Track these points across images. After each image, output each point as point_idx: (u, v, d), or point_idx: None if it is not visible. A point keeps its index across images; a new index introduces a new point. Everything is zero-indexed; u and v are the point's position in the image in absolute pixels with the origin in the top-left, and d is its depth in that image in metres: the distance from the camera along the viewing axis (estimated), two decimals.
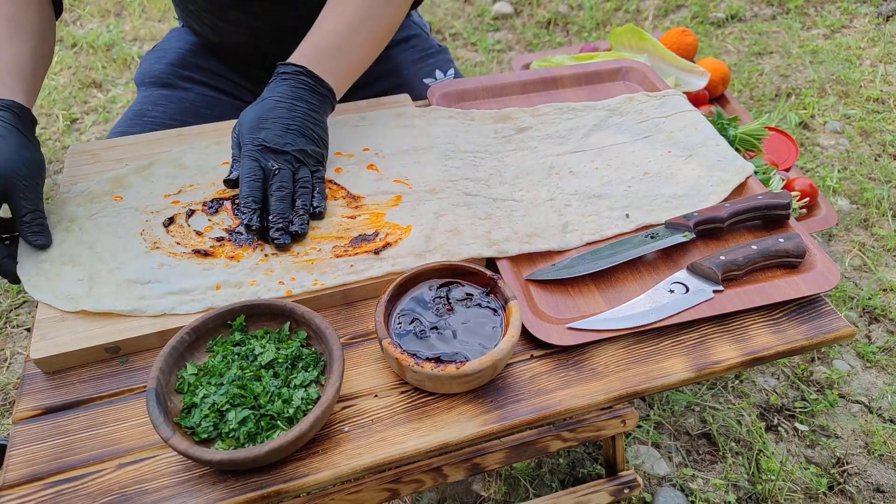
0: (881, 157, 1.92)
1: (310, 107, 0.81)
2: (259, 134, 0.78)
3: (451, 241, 0.77)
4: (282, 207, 0.75)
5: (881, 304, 1.52)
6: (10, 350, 1.52)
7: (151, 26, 2.63)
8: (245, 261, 0.75)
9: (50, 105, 2.22)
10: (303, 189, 0.78)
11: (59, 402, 0.66)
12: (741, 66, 2.32)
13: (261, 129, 0.78)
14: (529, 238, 0.79)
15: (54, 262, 0.75)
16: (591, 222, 0.82)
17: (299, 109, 0.80)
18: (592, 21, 2.60)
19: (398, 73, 1.17)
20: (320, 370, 0.65)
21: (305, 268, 0.75)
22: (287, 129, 0.79)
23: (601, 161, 0.91)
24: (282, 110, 0.80)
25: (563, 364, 0.68)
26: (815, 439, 1.28)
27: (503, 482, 1.21)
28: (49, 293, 0.71)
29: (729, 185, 0.86)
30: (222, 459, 0.56)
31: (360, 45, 0.88)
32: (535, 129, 0.96)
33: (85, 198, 0.83)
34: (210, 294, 0.72)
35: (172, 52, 1.14)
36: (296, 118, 0.80)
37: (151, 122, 1.04)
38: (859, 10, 2.58)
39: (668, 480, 1.22)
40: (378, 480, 0.91)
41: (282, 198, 0.76)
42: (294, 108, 0.80)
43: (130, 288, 0.72)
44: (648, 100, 1.00)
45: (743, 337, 0.71)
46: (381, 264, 0.75)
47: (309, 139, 0.80)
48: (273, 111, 0.80)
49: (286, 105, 0.80)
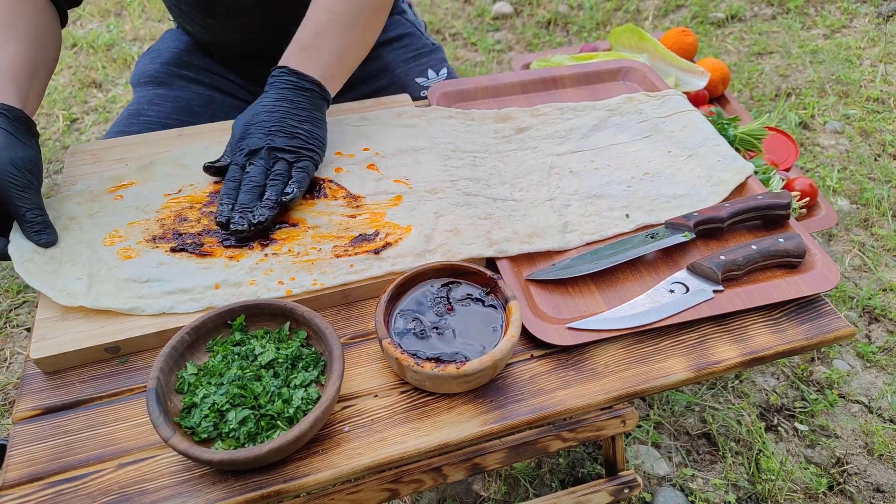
0: (881, 157, 1.92)
1: (293, 105, 0.84)
2: (243, 142, 0.82)
3: (451, 240, 0.77)
4: (246, 199, 0.78)
5: (881, 304, 1.52)
6: (10, 350, 1.52)
7: (151, 26, 2.63)
8: (244, 260, 0.75)
9: (50, 105, 2.22)
10: (273, 181, 0.79)
11: (59, 402, 0.66)
12: (741, 66, 2.32)
13: (244, 137, 0.82)
14: (529, 238, 0.79)
15: (53, 260, 0.74)
16: (591, 222, 0.82)
17: (281, 110, 0.83)
18: (592, 21, 2.60)
19: (389, 72, 1.17)
20: (320, 370, 0.65)
21: (305, 268, 0.75)
22: (266, 132, 0.82)
23: (601, 161, 0.91)
24: (263, 115, 0.83)
25: (563, 364, 0.68)
26: (815, 439, 1.28)
27: (503, 482, 1.21)
28: (46, 285, 0.71)
29: (729, 185, 0.86)
30: (222, 459, 0.56)
31: (343, 34, 0.89)
32: (535, 129, 0.96)
33: (85, 196, 0.83)
34: (209, 293, 0.72)
35: (167, 52, 1.14)
36: (275, 120, 0.82)
37: (147, 121, 1.04)
38: (859, 10, 2.58)
39: (667, 480, 1.22)
40: (378, 480, 0.91)
41: (247, 191, 0.78)
42: (275, 109, 0.83)
43: (129, 287, 0.72)
44: (648, 100, 1.01)
45: (743, 337, 0.71)
46: (381, 264, 0.75)
47: (289, 136, 0.82)
48: (256, 117, 0.83)
49: (268, 108, 0.83)
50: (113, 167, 0.89)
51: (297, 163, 0.82)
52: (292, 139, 0.82)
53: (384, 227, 0.80)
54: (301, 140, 0.83)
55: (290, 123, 0.82)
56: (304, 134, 0.83)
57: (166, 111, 1.07)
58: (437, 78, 1.16)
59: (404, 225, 0.80)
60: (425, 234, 0.78)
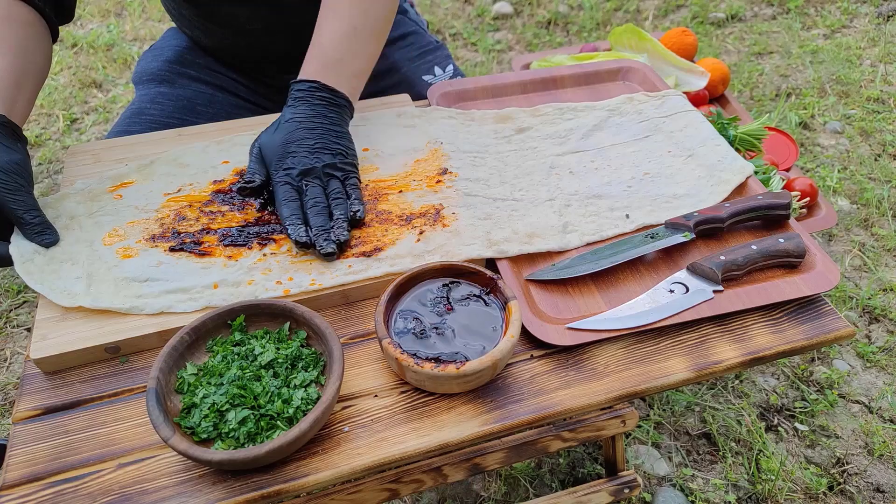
0: (881, 157, 1.92)
1: (329, 121, 0.83)
2: (286, 161, 0.81)
3: (451, 241, 0.77)
4: (320, 221, 0.77)
5: (881, 304, 1.52)
6: (10, 350, 1.52)
7: (151, 26, 2.63)
8: (243, 260, 0.75)
9: (50, 105, 2.22)
10: (336, 200, 0.79)
11: (59, 402, 0.66)
12: (741, 66, 2.32)
13: (287, 156, 0.81)
14: (529, 238, 0.79)
15: (53, 260, 0.75)
16: (591, 223, 0.82)
17: (320, 127, 0.82)
18: (592, 21, 2.60)
19: (396, 70, 1.17)
20: (320, 370, 0.65)
21: (304, 268, 0.75)
22: (311, 151, 0.81)
23: (601, 161, 0.91)
24: (303, 132, 0.82)
25: (563, 364, 0.68)
26: (815, 439, 1.28)
27: (503, 482, 1.21)
28: (46, 286, 0.71)
29: (729, 185, 0.86)
30: (222, 459, 0.56)
31: (362, 47, 0.89)
32: (535, 130, 0.96)
33: (85, 196, 0.83)
34: (207, 293, 0.72)
35: (169, 50, 1.14)
36: (317, 137, 0.82)
37: (150, 119, 1.04)
38: (859, 10, 2.58)
39: (668, 480, 1.22)
40: (378, 480, 0.91)
41: (318, 212, 0.78)
42: (315, 127, 0.82)
43: (129, 286, 0.72)
44: (649, 100, 1.00)
45: (743, 337, 0.71)
46: (380, 265, 0.75)
47: (333, 153, 0.82)
48: (294, 134, 0.82)
49: (307, 125, 0.82)
50: (113, 167, 0.89)
51: (346, 180, 0.82)
52: (337, 157, 0.82)
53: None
54: (343, 157, 0.83)
55: (332, 140, 0.82)
56: (345, 150, 0.83)
57: (169, 109, 1.07)
58: (444, 75, 1.17)
59: None
60: (425, 236, 0.78)
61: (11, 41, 0.84)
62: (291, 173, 0.80)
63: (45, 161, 2.01)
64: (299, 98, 0.84)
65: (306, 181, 0.80)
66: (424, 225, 0.79)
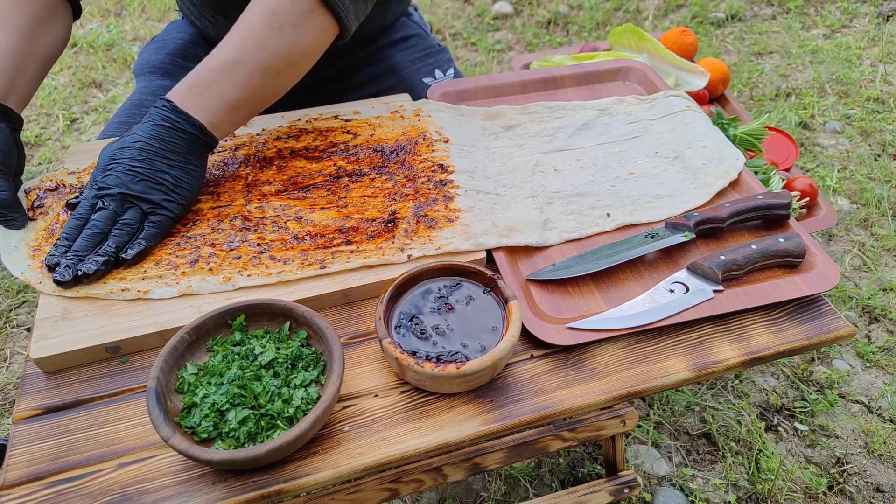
0: (881, 157, 1.92)
1: (166, 147, 0.77)
2: (100, 175, 0.76)
3: (430, 233, 0.78)
4: (81, 244, 0.73)
5: (881, 304, 1.52)
6: (10, 350, 1.52)
7: (151, 26, 2.63)
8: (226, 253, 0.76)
9: (50, 105, 2.22)
10: (118, 231, 0.74)
11: (59, 402, 0.66)
12: (741, 66, 2.32)
13: (105, 171, 0.76)
14: (508, 232, 0.79)
15: (38, 250, 0.76)
16: (571, 220, 0.82)
17: (151, 151, 0.76)
18: (592, 21, 2.60)
19: (397, 72, 1.17)
20: (320, 370, 0.65)
21: (286, 257, 0.76)
22: (125, 173, 0.75)
23: (587, 160, 0.91)
24: (130, 151, 0.76)
25: (563, 364, 0.68)
26: (815, 439, 1.28)
27: (503, 482, 1.21)
28: (29, 272, 0.73)
29: (713, 188, 0.86)
30: (222, 459, 0.56)
31: (245, 79, 0.80)
32: (522, 127, 0.96)
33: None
34: (186, 279, 0.73)
35: (172, 43, 1.14)
36: (142, 161, 0.76)
37: None
38: (859, 10, 2.58)
39: (667, 480, 1.22)
40: (378, 480, 0.91)
41: (86, 237, 0.73)
42: (145, 149, 0.76)
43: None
44: (639, 102, 1.00)
45: (743, 337, 0.71)
46: (355, 256, 0.76)
47: (152, 182, 0.76)
48: (123, 152, 0.76)
49: (139, 146, 0.76)
50: None
51: (152, 215, 0.76)
52: (154, 186, 0.76)
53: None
54: (164, 188, 0.76)
55: (157, 166, 0.76)
56: (170, 181, 0.77)
57: None
58: (445, 78, 1.17)
59: None
60: (403, 228, 0.78)
61: (18, 21, 0.83)
62: (97, 188, 0.75)
63: (45, 161, 2.01)
64: (149, 116, 0.78)
65: (102, 202, 0.75)
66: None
